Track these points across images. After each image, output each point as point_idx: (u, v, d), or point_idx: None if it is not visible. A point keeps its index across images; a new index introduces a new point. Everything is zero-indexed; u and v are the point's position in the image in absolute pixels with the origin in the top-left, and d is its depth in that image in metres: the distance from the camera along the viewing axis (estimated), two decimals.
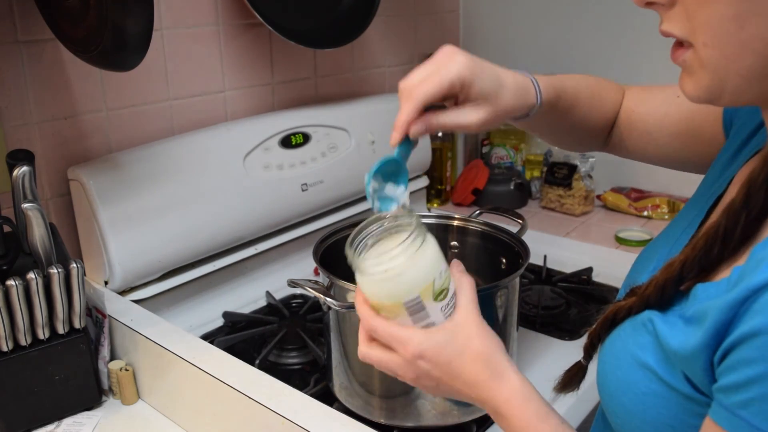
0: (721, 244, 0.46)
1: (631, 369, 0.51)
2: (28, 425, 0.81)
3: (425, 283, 0.54)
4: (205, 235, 1.04)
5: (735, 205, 0.46)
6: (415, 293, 0.54)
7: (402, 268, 0.53)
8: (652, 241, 0.66)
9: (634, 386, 0.50)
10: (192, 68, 1.12)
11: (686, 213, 0.61)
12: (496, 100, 0.61)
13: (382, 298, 0.55)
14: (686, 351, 0.45)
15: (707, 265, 0.48)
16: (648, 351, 0.49)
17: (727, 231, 0.46)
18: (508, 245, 0.88)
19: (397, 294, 0.54)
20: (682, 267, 0.48)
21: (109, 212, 0.92)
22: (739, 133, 0.60)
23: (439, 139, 1.53)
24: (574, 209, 1.48)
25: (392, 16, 1.48)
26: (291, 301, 1.13)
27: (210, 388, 0.75)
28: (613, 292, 1.13)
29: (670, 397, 0.47)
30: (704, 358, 0.44)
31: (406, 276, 0.53)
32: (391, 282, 0.53)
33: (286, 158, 1.16)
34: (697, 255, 0.48)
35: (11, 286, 0.75)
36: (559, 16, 1.56)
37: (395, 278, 0.53)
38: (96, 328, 0.90)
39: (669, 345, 0.47)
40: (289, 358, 0.97)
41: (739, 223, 0.46)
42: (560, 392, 0.64)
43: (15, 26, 0.90)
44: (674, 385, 0.47)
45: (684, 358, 0.46)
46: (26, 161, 0.79)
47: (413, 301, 0.54)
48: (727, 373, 0.42)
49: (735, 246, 0.46)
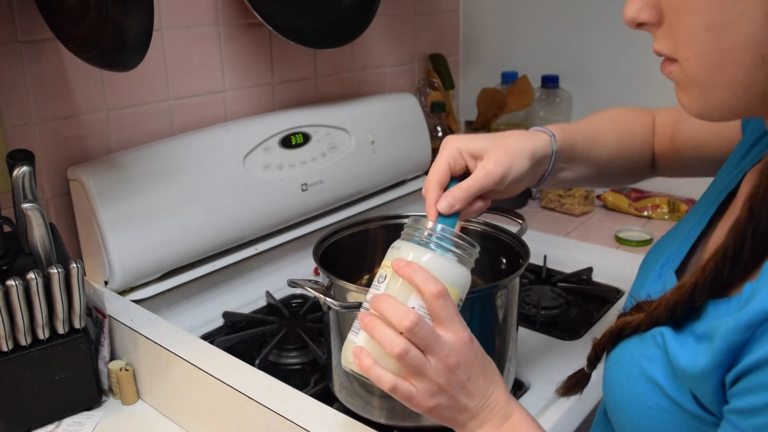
0: (731, 265, 0.46)
1: (637, 381, 0.50)
2: (28, 425, 0.81)
3: (464, 294, 0.58)
4: (205, 235, 1.04)
5: (740, 223, 0.45)
6: (464, 295, 0.58)
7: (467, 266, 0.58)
8: (658, 242, 0.66)
9: (639, 399, 0.50)
10: (192, 68, 1.12)
11: (697, 209, 0.61)
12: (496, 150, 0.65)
13: (450, 280, 0.56)
14: (695, 371, 0.45)
15: (718, 287, 0.47)
16: (656, 365, 0.49)
17: (735, 251, 0.45)
18: (508, 245, 0.88)
19: (461, 284, 0.57)
20: (693, 289, 0.48)
21: (109, 212, 0.92)
22: (755, 130, 0.60)
23: (439, 140, 1.53)
24: (574, 209, 1.48)
25: (392, 16, 1.48)
26: (291, 301, 1.13)
27: (210, 388, 0.75)
28: (613, 292, 1.13)
29: (675, 413, 0.47)
30: (715, 378, 0.43)
31: (468, 275, 0.58)
32: (464, 271, 0.57)
33: (286, 158, 1.16)
34: (707, 277, 0.47)
35: (11, 286, 0.75)
36: (559, 16, 1.56)
37: (462, 269, 0.57)
38: (96, 328, 0.90)
39: (678, 363, 0.47)
40: (289, 358, 0.97)
41: (747, 242, 0.45)
42: (563, 396, 0.64)
43: (15, 26, 0.90)
44: (680, 401, 0.47)
45: (692, 377, 0.45)
46: (26, 161, 0.79)
47: (461, 300, 0.58)
48: (742, 396, 0.41)
49: (746, 265, 0.45)
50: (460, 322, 0.55)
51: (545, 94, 1.58)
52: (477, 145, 0.64)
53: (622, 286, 1.15)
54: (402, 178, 1.42)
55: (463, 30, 1.72)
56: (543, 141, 0.68)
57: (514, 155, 0.65)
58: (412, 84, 1.60)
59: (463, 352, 0.54)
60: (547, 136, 0.69)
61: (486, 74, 1.70)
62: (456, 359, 0.54)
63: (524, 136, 0.68)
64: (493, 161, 0.63)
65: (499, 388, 0.57)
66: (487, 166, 0.63)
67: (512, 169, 0.64)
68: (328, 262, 0.81)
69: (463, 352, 0.54)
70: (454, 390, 0.54)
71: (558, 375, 0.88)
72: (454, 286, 0.56)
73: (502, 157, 0.64)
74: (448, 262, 0.57)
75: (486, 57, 1.71)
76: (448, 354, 0.54)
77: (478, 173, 0.63)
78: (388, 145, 1.33)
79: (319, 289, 0.77)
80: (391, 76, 1.53)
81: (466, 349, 0.54)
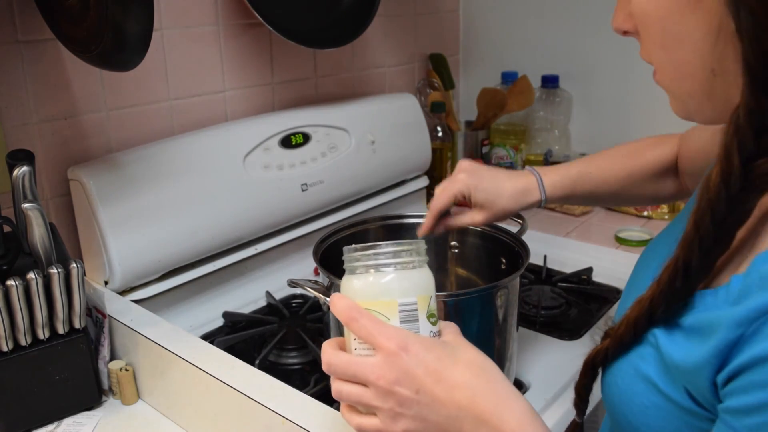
0: (683, 276, 0.47)
1: (632, 380, 0.51)
2: (28, 425, 0.81)
3: (424, 293, 0.53)
4: (205, 235, 1.04)
5: (688, 236, 0.46)
6: (413, 297, 0.52)
7: (409, 269, 0.52)
8: (653, 240, 0.66)
9: (635, 398, 0.50)
10: (192, 68, 1.12)
11: (690, 207, 0.61)
12: (493, 206, 0.82)
13: (377, 294, 0.52)
14: (688, 365, 0.45)
15: (674, 297, 0.48)
16: (649, 363, 0.49)
17: (686, 263, 0.46)
18: (508, 245, 0.88)
19: (395, 290, 0.52)
20: (651, 303, 0.49)
21: (109, 212, 0.92)
22: None
23: (439, 139, 1.53)
24: (574, 209, 1.48)
25: (392, 16, 1.48)
26: (291, 301, 1.13)
27: (210, 388, 0.75)
28: (613, 292, 1.13)
29: (670, 410, 0.47)
30: (706, 374, 0.43)
31: (412, 277, 0.52)
32: (391, 276, 0.52)
33: (286, 158, 1.16)
34: (662, 290, 0.48)
35: (11, 286, 0.75)
36: (559, 16, 1.56)
37: (401, 273, 0.52)
38: (96, 328, 0.90)
39: (670, 358, 0.47)
40: (289, 358, 0.97)
41: (694, 254, 0.46)
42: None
43: (15, 26, 0.90)
44: (674, 398, 0.47)
45: (685, 372, 0.45)
46: (26, 161, 0.79)
47: (409, 304, 0.52)
48: (736, 395, 0.41)
49: (697, 275, 0.46)
50: (384, 335, 0.49)
51: (545, 94, 1.58)
52: (479, 197, 0.81)
53: (622, 286, 1.14)
54: (402, 178, 1.42)
55: (463, 30, 1.73)
56: (533, 198, 0.83)
57: (503, 215, 0.83)
58: (412, 84, 1.60)
59: (395, 367, 0.48)
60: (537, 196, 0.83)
61: (486, 74, 1.71)
62: (390, 376, 0.48)
63: (516, 196, 0.82)
64: (481, 217, 0.83)
65: (475, 388, 0.49)
66: (475, 219, 0.83)
67: (495, 221, 0.85)
68: (328, 262, 0.81)
69: (395, 366, 0.48)
70: (410, 409, 0.49)
71: (558, 375, 0.89)
72: (391, 293, 0.52)
73: (491, 216, 0.82)
74: (380, 277, 0.52)
75: (486, 57, 1.71)
76: (378, 375, 0.49)
77: (466, 219, 0.84)
78: (388, 145, 1.33)
79: (319, 289, 0.77)
80: (391, 76, 1.53)
81: (395, 363, 0.49)
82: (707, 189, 0.44)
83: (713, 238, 0.45)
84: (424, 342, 0.50)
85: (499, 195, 0.81)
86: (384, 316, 0.52)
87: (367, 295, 0.52)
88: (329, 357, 0.52)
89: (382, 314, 0.52)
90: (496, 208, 0.82)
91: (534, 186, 0.83)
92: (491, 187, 0.81)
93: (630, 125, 1.51)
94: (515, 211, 0.83)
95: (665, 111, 0.65)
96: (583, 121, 1.59)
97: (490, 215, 0.82)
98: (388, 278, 0.52)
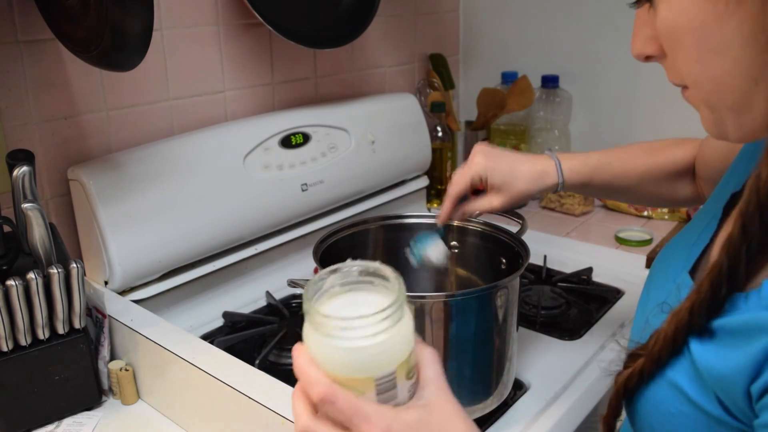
0: (727, 282, 0.45)
1: (659, 386, 0.49)
2: (28, 425, 0.81)
3: (402, 357, 0.44)
4: (205, 235, 1.04)
5: (733, 240, 0.44)
6: (392, 368, 0.44)
7: (388, 339, 0.43)
8: (666, 247, 0.65)
9: (661, 405, 0.48)
10: (192, 68, 1.12)
11: (708, 209, 0.61)
12: (510, 188, 0.80)
13: (350, 371, 0.43)
14: (720, 371, 0.44)
15: (717, 306, 0.46)
16: (678, 370, 0.48)
17: (731, 269, 0.45)
18: (508, 245, 0.88)
19: (372, 367, 0.43)
20: (691, 313, 0.47)
21: (109, 212, 0.92)
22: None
23: (439, 140, 1.53)
24: (574, 209, 1.48)
25: (392, 16, 1.48)
26: (291, 301, 1.13)
27: (210, 388, 0.75)
28: (613, 292, 1.13)
29: (699, 418, 0.46)
30: (740, 381, 0.42)
31: (391, 342, 0.43)
32: (368, 352, 0.43)
33: (286, 158, 1.16)
34: (704, 298, 0.46)
35: (11, 286, 0.75)
36: (559, 16, 1.56)
37: (376, 348, 0.42)
38: (96, 328, 0.90)
39: (702, 363, 0.45)
40: (289, 358, 0.97)
41: (741, 259, 0.44)
42: None
43: (15, 26, 0.90)
44: (704, 406, 0.45)
45: (718, 378, 0.44)
46: (26, 161, 0.79)
47: (388, 377, 0.44)
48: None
49: (744, 278, 0.45)
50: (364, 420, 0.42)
51: (545, 94, 1.58)
52: (496, 179, 0.79)
53: (622, 286, 1.15)
54: (402, 178, 1.42)
55: (463, 30, 1.72)
56: (551, 181, 0.81)
57: (520, 198, 0.80)
58: (412, 84, 1.60)
59: None
60: (555, 179, 0.81)
61: (486, 74, 1.71)
62: None
63: (534, 178, 0.80)
64: (499, 201, 0.80)
65: None
66: (493, 203, 0.80)
67: (513, 205, 0.82)
68: (328, 262, 0.81)
69: None
70: None
71: (558, 375, 0.89)
72: (365, 371, 0.43)
73: (508, 199, 0.80)
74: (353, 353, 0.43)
75: (486, 57, 1.71)
76: None
77: (483, 203, 0.81)
78: (388, 145, 1.33)
79: None
80: (391, 76, 1.53)
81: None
82: (757, 191, 0.43)
83: (761, 242, 0.43)
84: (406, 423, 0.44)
85: (516, 177, 0.79)
86: (358, 390, 0.44)
87: (337, 368, 0.44)
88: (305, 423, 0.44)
89: (355, 389, 0.44)
90: (514, 190, 0.80)
91: (552, 169, 0.80)
92: (508, 168, 0.79)
93: (630, 125, 1.51)
94: (533, 193, 0.81)
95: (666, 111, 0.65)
96: (583, 121, 1.59)
97: (507, 198, 0.80)
98: (364, 355, 0.43)
